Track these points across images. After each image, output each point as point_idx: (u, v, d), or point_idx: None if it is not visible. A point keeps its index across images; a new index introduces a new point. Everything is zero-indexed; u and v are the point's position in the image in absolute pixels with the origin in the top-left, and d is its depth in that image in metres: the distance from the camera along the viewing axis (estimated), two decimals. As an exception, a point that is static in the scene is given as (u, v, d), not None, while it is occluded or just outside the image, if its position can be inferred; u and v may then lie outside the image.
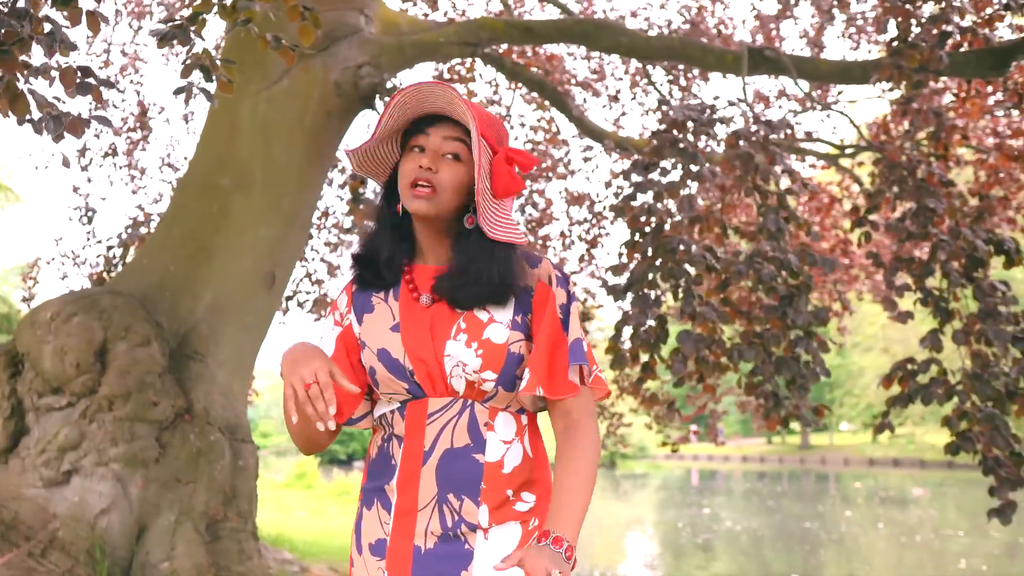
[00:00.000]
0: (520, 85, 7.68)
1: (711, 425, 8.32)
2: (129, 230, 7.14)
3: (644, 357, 4.50)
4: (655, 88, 9.25)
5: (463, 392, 1.52)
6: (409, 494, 1.52)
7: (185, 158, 8.84)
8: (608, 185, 8.11)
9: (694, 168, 4.50)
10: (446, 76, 7.30)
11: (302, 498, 12.01)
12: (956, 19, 4.82)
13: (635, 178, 4.55)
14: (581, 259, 7.88)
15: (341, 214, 7.56)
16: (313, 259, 7.84)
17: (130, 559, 4.05)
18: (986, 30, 5.22)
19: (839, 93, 9.38)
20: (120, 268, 6.95)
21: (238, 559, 4.30)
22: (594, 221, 7.96)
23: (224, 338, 4.80)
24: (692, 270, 4.27)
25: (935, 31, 4.67)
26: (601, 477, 28.55)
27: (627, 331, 4.45)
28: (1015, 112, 7.23)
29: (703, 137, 4.69)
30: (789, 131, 4.95)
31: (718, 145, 4.85)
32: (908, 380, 4.54)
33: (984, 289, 4.59)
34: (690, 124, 4.75)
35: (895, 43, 4.85)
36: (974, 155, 7.85)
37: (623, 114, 8.93)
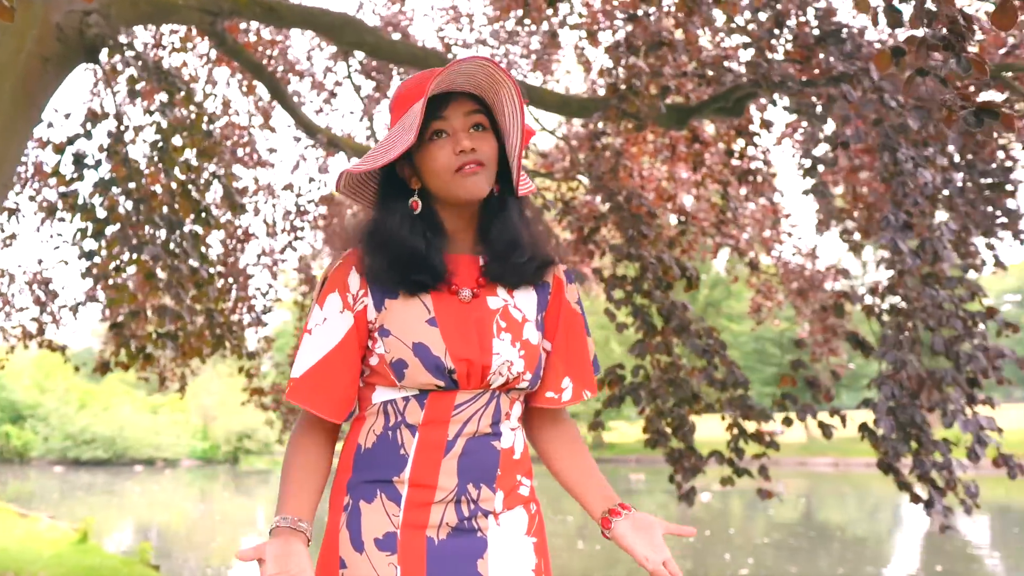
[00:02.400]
0: (237, 65, 7.15)
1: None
2: None
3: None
4: (355, 90, 9.16)
5: (495, 386, 1.45)
6: (426, 487, 1.40)
7: None
8: (312, 180, 7.87)
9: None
10: (159, 41, 6.54)
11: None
12: (668, 72, 5.45)
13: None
14: (283, 250, 7.52)
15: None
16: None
17: None
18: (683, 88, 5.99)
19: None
20: None
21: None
22: (296, 213, 7.65)
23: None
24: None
25: (660, 84, 5.23)
26: (223, 473, 27.20)
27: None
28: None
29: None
30: (527, 149, 5.21)
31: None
32: (618, 383, 5.01)
33: (677, 307, 5.22)
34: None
35: (619, 88, 5.34)
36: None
37: (329, 109, 8.71)
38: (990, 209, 5.46)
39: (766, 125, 7.29)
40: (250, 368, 6.27)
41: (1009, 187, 5.53)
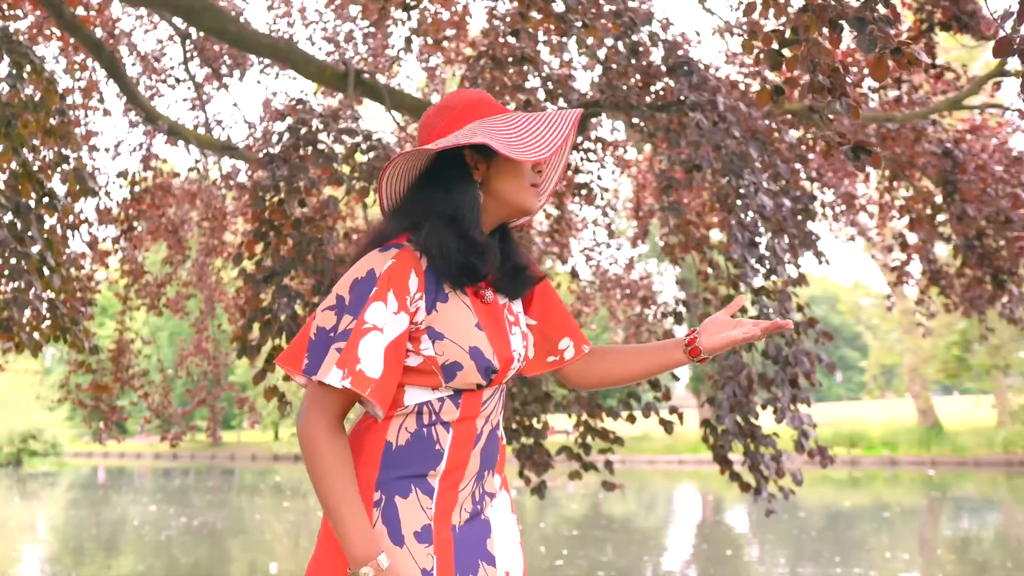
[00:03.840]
0: (72, 42, 6.56)
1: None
2: None
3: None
4: (191, 78, 8.69)
5: (506, 379, 1.58)
6: (455, 477, 1.50)
7: None
8: (150, 168, 7.38)
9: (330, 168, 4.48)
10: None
11: None
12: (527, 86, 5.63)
13: (279, 173, 4.33)
14: (117, 239, 6.98)
15: None
16: None
17: None
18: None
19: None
20: None
21: None
22: (131, 202, 7.14)
23: None
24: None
25: (521, 99, 5.39)
26: (5, 476, 24.62)
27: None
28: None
29: (336, 143, 4.67)
30: (399, 150, 5.20)
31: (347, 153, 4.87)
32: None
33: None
34: (319, 126, 4.70)
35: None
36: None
37: (156, 94, 8.19)
38: (795, 231, 6.10)
39: (600, 141, 7.70)
40: (92, 363, 5.78)
41: (812, 212, 6.20)
